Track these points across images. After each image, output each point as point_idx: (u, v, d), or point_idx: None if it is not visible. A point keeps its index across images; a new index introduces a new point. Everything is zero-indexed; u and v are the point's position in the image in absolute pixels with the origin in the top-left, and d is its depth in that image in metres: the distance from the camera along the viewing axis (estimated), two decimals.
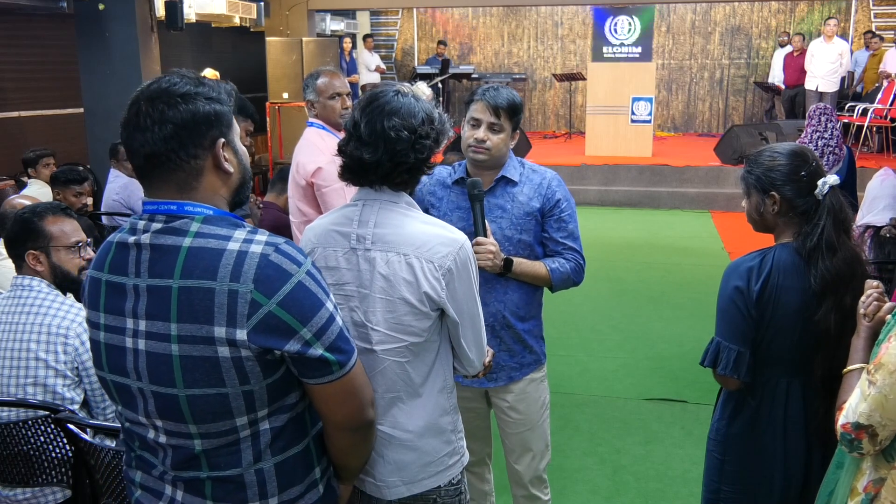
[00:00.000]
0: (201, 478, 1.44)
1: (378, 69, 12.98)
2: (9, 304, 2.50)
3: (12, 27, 8.63)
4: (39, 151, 5.75)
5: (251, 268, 1.34)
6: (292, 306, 1.36)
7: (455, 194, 2.51)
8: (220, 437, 1.41)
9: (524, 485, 2.68)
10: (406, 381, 1.76)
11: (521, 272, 2.43)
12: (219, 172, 1.42)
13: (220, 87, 1.43)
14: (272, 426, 1.44)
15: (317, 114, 3.34)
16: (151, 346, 1.38)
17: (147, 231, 1.39)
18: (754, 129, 9.80)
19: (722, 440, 2.19)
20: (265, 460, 1.44)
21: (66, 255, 2.56)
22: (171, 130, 1.35)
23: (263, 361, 1.37)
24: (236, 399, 1.38)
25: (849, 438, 1.67)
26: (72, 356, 2.45)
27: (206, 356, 1.35)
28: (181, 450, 1.43)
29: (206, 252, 1.35)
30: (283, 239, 1.41)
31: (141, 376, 1.40)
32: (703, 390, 4.38)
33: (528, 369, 2.57)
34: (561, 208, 2.48)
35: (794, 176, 2.04)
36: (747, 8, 13.47)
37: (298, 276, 1.37)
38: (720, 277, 2.13)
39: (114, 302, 1.42)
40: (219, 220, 1.40)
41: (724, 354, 2.08)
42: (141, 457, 1.51)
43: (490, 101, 2.40)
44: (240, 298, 1.33)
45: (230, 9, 9.46)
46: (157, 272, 1.37)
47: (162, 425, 1.42)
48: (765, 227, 2.14)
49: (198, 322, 1.34)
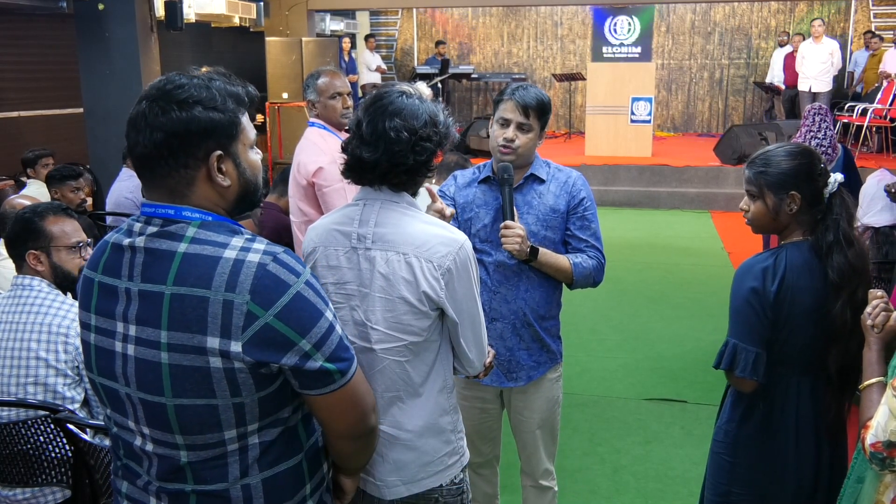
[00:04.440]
0: (186, 491, 1.38)
1: (378, 69, 12.98)
2: (9, 303, 2.50)
3: (12, 27, 8.63)
4: (39, 151, 5.75)
5: (248, 277, 1.29)
6: (291, 318, 1.32)
7: (482, 192, 2.53)
8: (207, 449, 1.36)
9: (535, 477, 2.72)
10: (406, 380, 1.76)
11: (546, 262, 2.45)
12: (212, 184, 1.36)
13: (227, 95, 1.36)
14: (262, 440, 1.39)
15: (318, 114, 3.34)
16: (140, 353, 1.34)
17: (142, 234, 1.35)
18: (754, 130, 9.80)
19: (731, 442, 2.16)
20: (252, 475, 1.39)
21: (66, 255, 2.56)
22: (161, 137, 1.31)
23: (257, 374, 1.33)
24: (226, 411, 1.33)
25: (881, 457, 1.66)
26: (72, 355, 2.45)
27: (197, 366, 1.30)
28: (167, 460, 1.39)
29: (201, 259, 1.30)
30: (282, 248, 1.36)
31: (129, 382, 1.36)
32: (703, 390, 4.38)
33: (545, 367, 2.58)
34: (585, 206, 2.51)
35: (813, 174, 2.06)
36: (747, 8, 13.47)
37: (297, 287, 1.33)
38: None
39: (105, 304, 1.39)
40: (217, 227, 1.35)
41: (741, 356, 2.04)
42: (126, 465, 1.46)
43: (519, 101, 2.40)
44: (235, 309, 1.28)
45: (230, 9, 9.46)
46: (150, 277, 1.33)
47: (149, 433, 1.38)
48: (776, 227, 2.13)
49: (189, 331, 1.29)
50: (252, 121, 1.46)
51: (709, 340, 5.16)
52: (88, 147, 7.79)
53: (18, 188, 5.50)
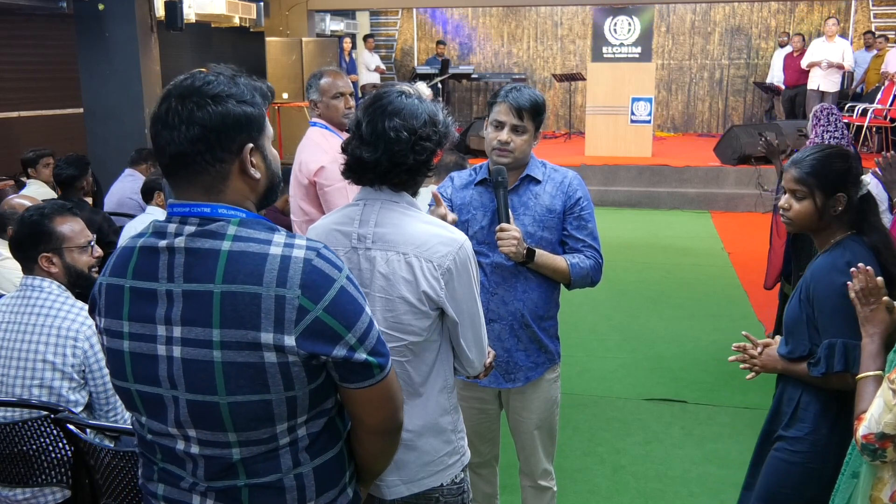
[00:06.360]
0: (238, 486, 1.40)
1: (378, 69, 12.99)
2: (17, 304, 2.48)
3: (12, 27, 8.64)
4: (39, 151, 5.74)
5: (297, 273, 1.31)
6: (337, 312, 1.35)
7: (479, 193, 2.53)
8: (260, 444, 1.38)
9: (533, 477, 2.73)
10: (406, 380, 1.76)
11: (543, 263, 2.45)
12: (245, 177, 1.38)
13: (254, 89, 1.39)
14: (310, 431, 1.42)
15: (320, 113, 3.35)
16: (189, 353, 1.34)
17: (180, 234, 1.35)
18: (754, 130, 9.79)
19: (821, 451, 2.10)
20: (304, 465, 1.42)
21: (78, 254, 2.56)
22: (198, 132, 1.32)
23: (309, 367, 1.35)
24: (279, 405, 1.35)
25: (872, 448, 1.68)
26: (80, 359, 2.44)
27: (252, 362, 1.32)
28: (217, 460, 1.39)
29: (248, 256, 1.32)
30: (322, 244, 1.39)
31: (177, 384, 1.36)
32: (703, 390, 4.39)
33: (543, 368, 2.59)
34: (581, 206, 2.51)
35: (856, 176, 2.13)
36: (747, 8, 13.47)
37: (341, 282, 1.36)
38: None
39: (141, 309, 1.37)
40: (255, 224, 1.36)
41: (855, 353, 1.97)
42: (165, 469, 1.45)
43: (513, 103, 2.41)
44: (287, 304, 1.30)
45: (230, 9, 9.46)
46: (195, 277, 1.33)
47: (195, 435, 1.38)
48: (817, 226, 2.16)
49: (243, 328, 1.30)
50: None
51: (709, 340, 5.16)
52: (88, 147, 7.79)
53: (18, 188, 5.50)
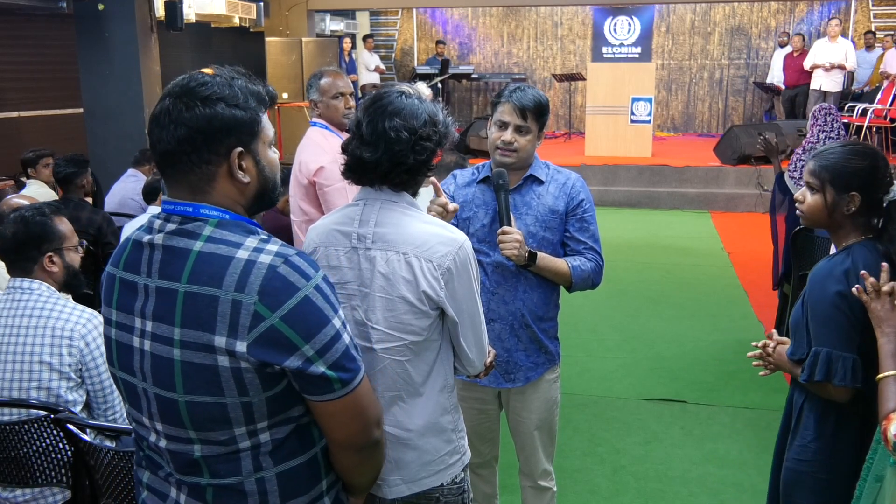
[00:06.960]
0: (202, 484, 1.41)
1: (377, 69, 12.98)
2: (7, 307, 2.46)
3: (12, 27, 8.63)
4: (39, 151, 5.74)
5: (257, 278, 1.30)
6: (296, 321, 1.32)
7: (481, 192, 2.54)
8: (220, 445, 1.38)
9: (533, 478, 2.73)
10: (406, 379, 1.76)
11: (545, 266, 2.45)
12: (233, 180, 1.38)
13: (250, 94, 1.39)
14: (274, 437, 1.40)
15: (320, 113, 3.35)
16: (156, 349, 1.36)
17: (161, 231, 1.37)
18: (754, 130, 9.79)
19: (826, 459, 2.06)
20: (266, 469, 1.40)
21: (73, 253, 2.58)
22: (185, 133, 1.33)
23: (263, 374, 1.34)
24: (235, 409, 1.34)
25: None
26: (76, 358, 2.44)
27: (207, 364, 1.32)
28: (181, 455, 1.41)
29: (214, 258, 1.32)
30: (296, 250, 1.37)
31: (146, 377, 1.39)
32: (703, 390, 4.39)
33: (543, 368, 2.59)
34: (584, 208, 2.51)
35: (877, 178, 2.03)
36: (747, 8, 13.47)
37: (306, 291, 1.33)
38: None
39: (125, 300, 1.42)
40: (233, 226, 1.36)
41: (838, 364, 1.95)
42: (149, 457, 1.49)
43: (517, 103, 2.41)
44: (243, 309, 1.29)
45: (230, 9, 9.46)
46: (167, 274, 1.35)
47: (162, 429, 1.41)
48: (829, 224, 2.09)
49: (200, 329, 1.31)
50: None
51: (709, 340, 5.16)
52: (88, 147, 7.79)
53: (18, 188, 5.50)
